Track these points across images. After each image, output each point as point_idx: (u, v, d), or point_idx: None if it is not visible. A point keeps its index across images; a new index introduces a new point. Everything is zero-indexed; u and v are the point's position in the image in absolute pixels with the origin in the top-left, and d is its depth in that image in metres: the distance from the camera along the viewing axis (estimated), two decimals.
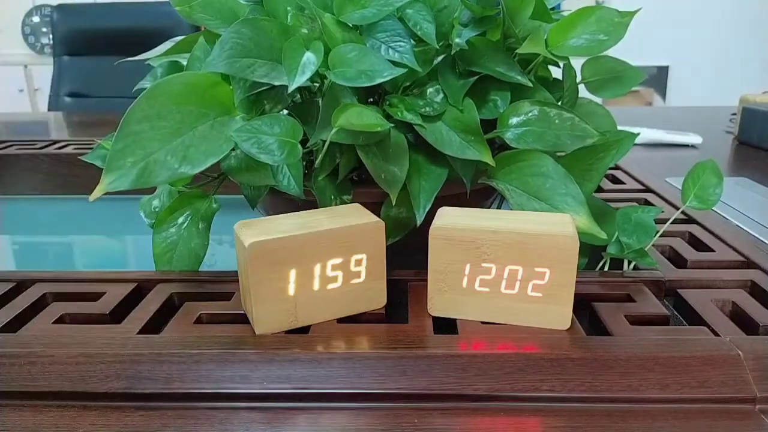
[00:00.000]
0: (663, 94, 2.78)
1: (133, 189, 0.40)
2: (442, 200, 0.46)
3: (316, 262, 0.40)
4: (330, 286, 0.41)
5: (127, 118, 0.40)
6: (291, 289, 0.39)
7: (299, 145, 0.42)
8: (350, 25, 0.46)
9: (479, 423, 0.34)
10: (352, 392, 0.36)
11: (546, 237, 0.38)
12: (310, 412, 0.35)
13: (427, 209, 0.45)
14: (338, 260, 0.40)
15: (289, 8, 0.47)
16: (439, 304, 0.42)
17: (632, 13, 0.49)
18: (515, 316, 0.41)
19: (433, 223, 0.40)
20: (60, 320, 0.43)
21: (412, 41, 0.45)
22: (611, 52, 0.50)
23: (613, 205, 0.53)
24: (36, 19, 2.96)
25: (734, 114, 1.15)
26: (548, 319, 0.40)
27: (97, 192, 0.39)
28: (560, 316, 0.40)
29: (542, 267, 0.39)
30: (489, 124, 0.48)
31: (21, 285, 0.48)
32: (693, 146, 1.07)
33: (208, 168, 0.42)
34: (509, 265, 0.39)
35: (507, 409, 0.35)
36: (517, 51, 0.49)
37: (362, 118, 0.41)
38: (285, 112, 0.48)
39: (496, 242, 0.39)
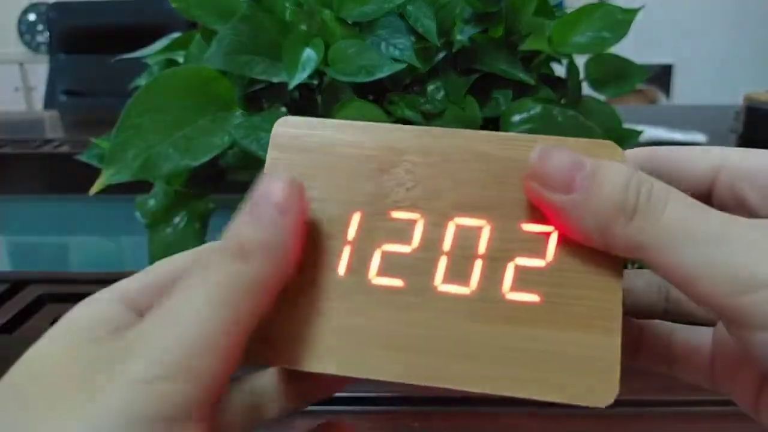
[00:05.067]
0: (667, 92, 2.77)
1: (135, 180, 0.39)
2: None
3: None
4: None
5: (127, 112, 0.39)
6: None
7: None
8: (350, 21, 0.45)
9: (479, 426, 0.34)
10: (352, 395, 0.35)
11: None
12: (310, 415, 0.35)
13: None
14: None
15: (287, 4, 0.46)
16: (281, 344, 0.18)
17: (635, 11, 0.49)
18: (479, 363, 0.18)
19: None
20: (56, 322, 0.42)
21: (412, 38, 0.45)
22: (615, 50, 0.49)
23: None
24: (32, 16, 2.94)
25: (738, 112, 1.15)
26: (571, 370, 0.18)
27: (98, 185, 0.38)
28: (595, 362, 0.18)
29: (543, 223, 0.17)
30: (491, 122, 0.47)
31: (16, 286, 0.47)
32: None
33: (206, 166, 0.41)
34: (459, 217, 0.17)
35: (507, 411, 0.35)
36: (519, 48, 0.48)
37: (363, 112, 0.41)
38: (284, 110, 0.47)
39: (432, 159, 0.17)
